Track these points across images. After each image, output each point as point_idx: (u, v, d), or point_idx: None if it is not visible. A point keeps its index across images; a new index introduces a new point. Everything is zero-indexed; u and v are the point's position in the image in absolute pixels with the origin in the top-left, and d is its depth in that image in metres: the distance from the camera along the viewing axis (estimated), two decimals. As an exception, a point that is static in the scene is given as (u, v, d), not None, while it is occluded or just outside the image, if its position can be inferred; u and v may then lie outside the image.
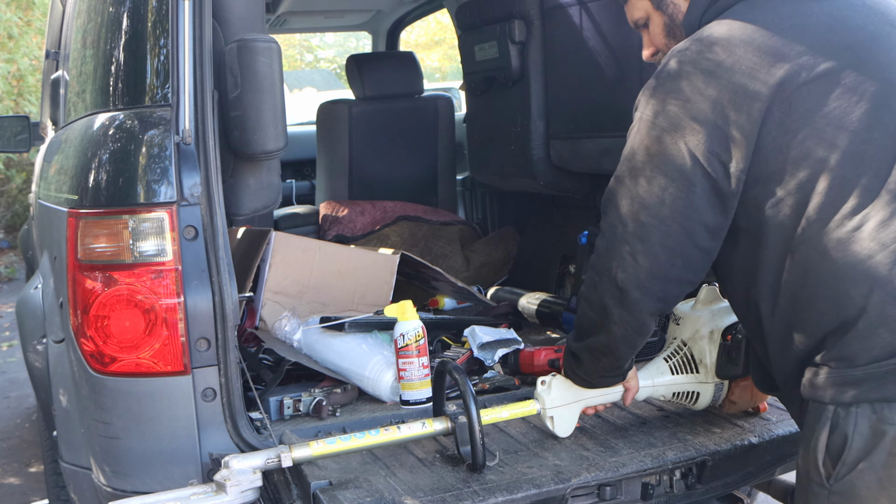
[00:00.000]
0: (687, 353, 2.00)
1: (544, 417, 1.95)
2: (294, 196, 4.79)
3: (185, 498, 1.76)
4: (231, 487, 1.75)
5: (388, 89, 4.24)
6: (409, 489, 1.77)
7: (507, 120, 3.36)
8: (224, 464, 1.77)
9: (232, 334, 1.99)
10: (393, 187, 4.17)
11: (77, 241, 1.99)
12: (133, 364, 1.97)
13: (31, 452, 4.42)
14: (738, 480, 2.03)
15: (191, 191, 1.97)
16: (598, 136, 2.95)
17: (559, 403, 1.94)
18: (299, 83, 15.37)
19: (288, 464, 1.78)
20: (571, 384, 1.93)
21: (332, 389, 2.28)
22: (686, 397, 2.03)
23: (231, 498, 1.76)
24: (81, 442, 2.14)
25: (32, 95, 9.72)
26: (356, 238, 3.87)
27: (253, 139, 2.21)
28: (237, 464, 1.76)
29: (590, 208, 3.38)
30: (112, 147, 2.04)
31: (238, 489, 1.76)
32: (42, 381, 2.48)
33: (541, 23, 3.21)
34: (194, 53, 1.99)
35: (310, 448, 1.79)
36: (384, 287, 2.87)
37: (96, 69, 2.27)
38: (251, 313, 2.72)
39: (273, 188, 2.46)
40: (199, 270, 1.97)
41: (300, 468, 1.81)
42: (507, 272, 3.77)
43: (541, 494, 1.77)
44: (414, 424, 1.87)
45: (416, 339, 2.18)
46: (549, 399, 1.94)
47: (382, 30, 5.16)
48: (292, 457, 1.78)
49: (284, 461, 1.78)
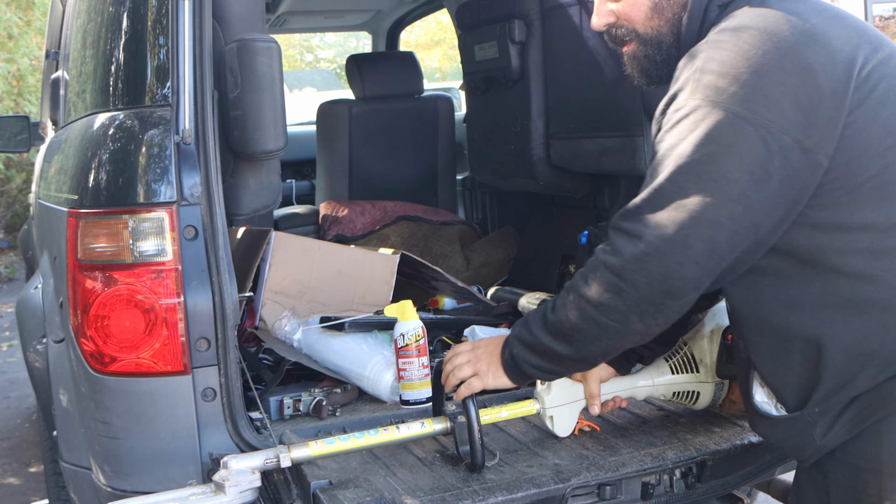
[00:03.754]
0: (687, 352, 2.00)
1: (544, 417, 1.95)
2: (294, 196, 4.79)
3: (184, 498, 1.76)
4: (230, 488, 1.75)
5: (387, 89, 4.24)
6: (408, 489, 1.77)
7: (507, 120, 3.36)
8: (223, 464, 1.77)
9: (232, 334, 1.99)
10: (393, 187, 4.17)
11: (77, 241, 1.99)
12: (133, 364, 1.97)
13: (31, 452, 4.42)
14: (739, 480, 2.03)
15: (191, 191, 1.97)
16: (598, 136, 2.95)
17: (559, 403, 1.94)
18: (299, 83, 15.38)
19: (287, 464, 1.78)
20: (572, 383, 1.93)
21: (332, 389, 2.28)
22: (686, 397, 2.03)
23: (230, 498, 1.76)
24: (81, 442, 2.14)
25: (32, 95, 9.72)
26: (356, 238, 3.87)
27: (253, 139, 2.21)
28: (236, 464, 1.76)
29: (590, 208, 3.38)
30: (112, 147, 2.04)
31: (237, 489, 1.76)
32: (42, 381, 2.48)
33: (541, 23, 3.21)
34: (194, 53, 1.99)
35: (308, 448, 1.79)
36: (384, 287, 2.87)
37: (96, 69, 2.27)
38: (251, 313, 2.72)
39: (273, 188, 2.46)
40: (199, 270, 1.97)
41: (300, 468, 1.81)
42: (507, 272, 3.77)
43: (541, 494, 1.77)
44: (413, 424, 1.87)
45: (416, 338, 2.18)
46: (549, 399, 1.93)
47: (382, 30, 5.16)
48: (291, 457, 1.78)
49: (283, 461, 1.78)
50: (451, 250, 3.82)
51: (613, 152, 2.88)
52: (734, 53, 1.45)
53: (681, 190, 1.45)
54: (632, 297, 1.50)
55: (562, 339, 1.63)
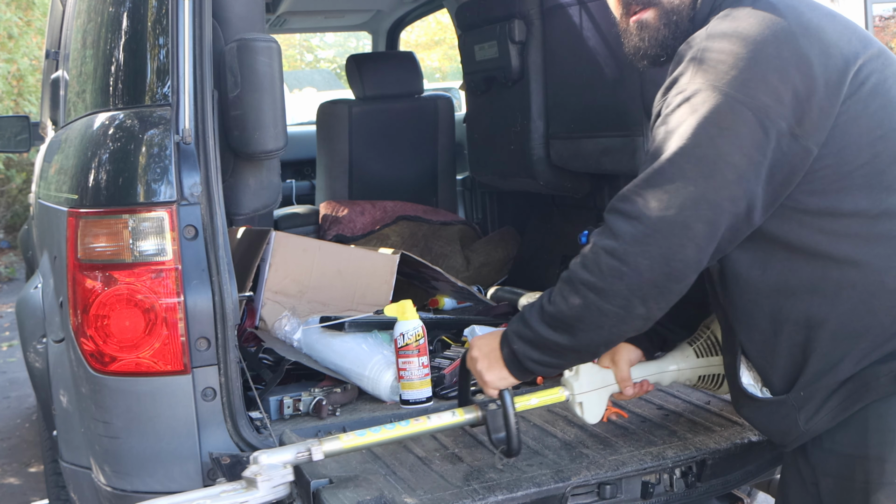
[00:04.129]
0: (710, 335, 1.98)
1: (573, 404, 1.89)
2: (294, 196, 4.79)
3: (216, 496, 1.71)
4: (262, 483, 1.70)
5: (388, 89, 4.24)
6: (408, 488, 1.77)
7: (507, 120, 3.36)
8: (253, 459, 1.73)
9: (232, 334, 1.99)
10: (393, 187, 4.17)
11: (77, 241, 1.99)
12: (133, 363, 1.97)
13: (31, 452, 4.42)
14: (739, 479, 2.03)
15: (191, 190, 1.97)
16: (598, 136, 2.95)
17: (587, 389, 1.89)
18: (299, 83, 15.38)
19: (319, 457, 1.73)
20: (599, 369, 1.89)
21: (332, 389, 2.28)
22: (712, 381, 2.00)
23: (263, 493, 1.71)
24: (81, 441, 2.15)
25: (32, 95, 9.73)
26: (356, 238, 3.87)
27: (253, 139, 2.21)
28: (266, 458, 1.72)
29: (590, 208, 3.38)
30: (112, 146, 2.04)
31: (269, 484, 1.72)
32: (42, 380, 2.48)
33: (541, 23, 3.21)
34: (194, 53, 1.99)
35: (340, 441, 1.75)
36: (384, 287, 2.87)
37: (96, 69, 2.27)
38: (251, 313, 2.72)
39: (273, 188, 2.46)
40: (199, 270, 1.97)
41: (299, 467, 1.81)
42: (507, 272, 3.77)
43: (541, 493, 1.77)
44: (444, 414, 1.82)
45: (415, 338, 2.18)
46: (578, 385, 1.88)
47: (382, 30, 5.16)
48: (323, 450, 1.73)
49: (315, 454, 1.73)
50: (451, 250, 3.82)
51: (613, 152, 2.88)
52: (735, 40, 1.48)
53: (681, 172, 1.47)
54: (634, 281, 1.49)
55: (562, 331, 1.60)
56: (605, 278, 1.51)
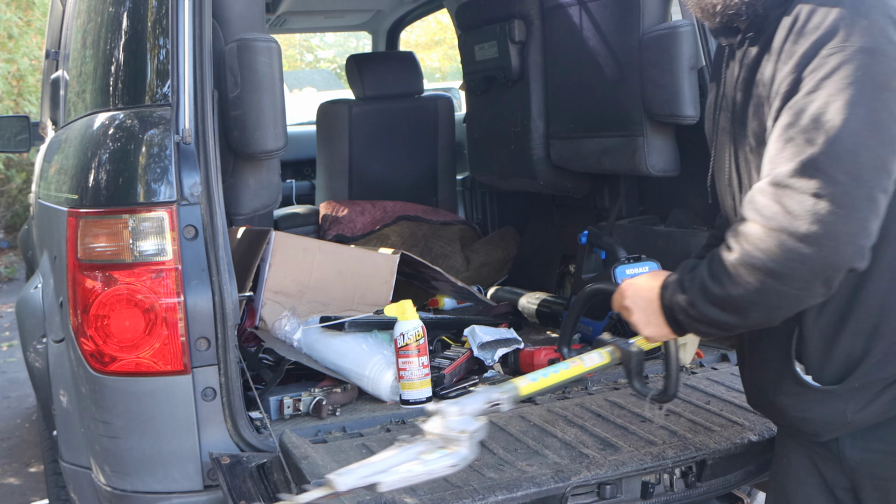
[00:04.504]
0: None
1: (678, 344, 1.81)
2: (294, 196, 4.79)
3: (413, 457, 1.55)
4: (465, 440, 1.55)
5: (387, 89, 4.25)
6: (408, 487, 1.77)
7: (507, 120, 3.36)
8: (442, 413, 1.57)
9: (232, 334, 1.99)
10: (393, 187, 4.18)
11: (77, 241, 1.99)
12: (133, 363, 1.97)
13: (31, 452, 4.42)
14: (739, 479, 2.03)
15: (191, 190, 1.97)
16: (598, 136, 2.95)
17: None
18: (299, 83, 15.37)
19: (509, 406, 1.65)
20: None
21: (332, 389, 2.28)
22: None
23: (467, 451, 1.56)
24: (81, 441, 2.15)
25: (32, 95, 9.73)
26: (356, 238, 3.87)
27: (253, 139, 2.22)
28: (455, 411, 1.57)
29: (590, 208, 3.38)
30: (112, 146, 2.04)
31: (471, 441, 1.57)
32: (42, 380, 2.48)
33: (541, 23, 3.21)
34: (194, 53, 1.99)
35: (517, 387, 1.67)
36: (384, 287, 2.88)
37: (96, 69, 2.27)
38: (251, 313, 2.72)
39: (273, 188, 2.46)
40: (199, 270, 1.97)
41: (299, 466, 1.81)
42: (507, 272, 3.78)
43: (541, 493, 1.77)
44: (592, 355, 1.77)
45: (415, 338, 2.18)
46: None
47: (382, 30, 5.16)
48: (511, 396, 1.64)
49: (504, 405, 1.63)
50: (451, 250, 3.82)
51: (613, 152, 2.88)
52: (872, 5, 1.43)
53: (861, 141, 1.37)
54: (817, 264, 1.38)
55: (732, 312, 1.51)
56: (785, 263, 1.40)
